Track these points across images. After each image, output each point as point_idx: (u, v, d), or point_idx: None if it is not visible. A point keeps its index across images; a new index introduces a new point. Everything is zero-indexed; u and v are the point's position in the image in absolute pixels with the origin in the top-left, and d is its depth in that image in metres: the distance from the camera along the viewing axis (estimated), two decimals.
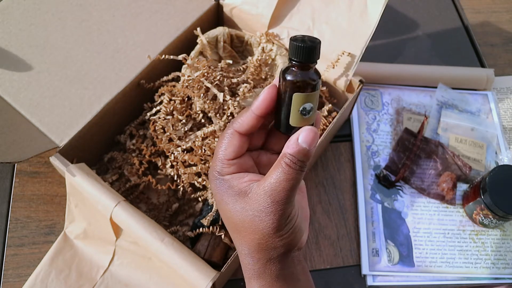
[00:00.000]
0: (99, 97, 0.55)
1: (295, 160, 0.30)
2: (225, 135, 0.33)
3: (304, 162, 0.30)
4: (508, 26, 0.84)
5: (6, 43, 0.56)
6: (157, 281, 0.50)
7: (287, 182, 0.30)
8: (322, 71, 0.60)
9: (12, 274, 0.54)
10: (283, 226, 0.31)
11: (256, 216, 0.31)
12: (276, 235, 0.31)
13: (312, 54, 0.31)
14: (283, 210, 0.30)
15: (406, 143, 0.66)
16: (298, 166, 0.30)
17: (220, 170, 0.33)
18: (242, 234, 0.32)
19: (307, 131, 0.30)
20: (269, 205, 0.30)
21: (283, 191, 0.30)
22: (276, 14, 0.61)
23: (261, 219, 0.30)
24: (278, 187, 0.30)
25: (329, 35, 0.58)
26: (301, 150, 0.30)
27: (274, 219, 0.30)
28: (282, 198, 0.30)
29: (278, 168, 0.30)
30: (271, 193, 0.30)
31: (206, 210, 0.54)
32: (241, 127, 0.32)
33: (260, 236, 0.31)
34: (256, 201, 0.30)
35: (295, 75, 0.31)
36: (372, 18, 0.55)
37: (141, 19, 0.61)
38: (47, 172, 0.61)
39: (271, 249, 0.32)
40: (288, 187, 0.30)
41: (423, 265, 0.58)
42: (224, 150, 0.33)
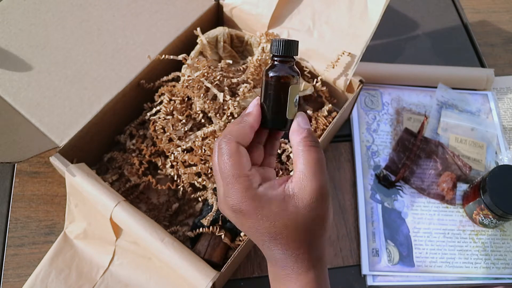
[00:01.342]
0: (99, 97, 0.55)
1: (309, 140, 0.33)
2: (230, 156, 0.32)
3: (316, 138, 0.33)
4: (508, 26, 0.84)
5: (6, 43, 0.56)
6: (157, 281, 0.50)
7: (316, 156, 0.32)
8: (322, 71, 0.60)
9: (12, 274, 0.54)
10: (328, 199, 0.33)
11: (315, 200, 0.32)
12: (327, 208, 0.33)
13: (291, 48, 0.34)
14: (325, 180, 0.32)
15: (406, 143, 0.66)
16: (314, 143, 0.33)
17: (249, 184, 0.32)
18: (294, 235, 0.32)
19: (300, 116, 0.34)
20: (315, 183, 0.32)
21: (318, 165, 0.32)
22: (276, 14, 0.61)
23: (321, 199, 0.32)
24: (313, 165, 0.32)
25: (330, 36, 0.58)
26: (307, 130, 0.33)
27: (327, 194, 0.32)
28: (322, 172, 0.32)
29: (300, 155, 0.32)
30: (312, 174, 0.32)
31: (206, 210, 0.54)
32: (242, 140, 0.33)
33: (322, 216, 0.32)
34: (306, 192, 0.32)
35: (281, 69, 0.34)
36: (373, 18, 0.55)
37: (141, 19, 0.61)
38: (47, 172, 0.61)
39: (324, 223, 0.33)
40: (317, 159, 0.32)
41: (423, 265, 0.58)
42: (239, 163, 0.32)
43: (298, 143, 0.33)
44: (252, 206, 0.32)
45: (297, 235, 0.32)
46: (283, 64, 0.34)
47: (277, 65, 0.34)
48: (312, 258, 0.33)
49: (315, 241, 0.33)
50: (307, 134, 0.33)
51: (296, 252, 0.32)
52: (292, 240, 0.32)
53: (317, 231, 0.32)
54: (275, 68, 0.34)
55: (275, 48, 0.34)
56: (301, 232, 0.32)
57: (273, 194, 0.32)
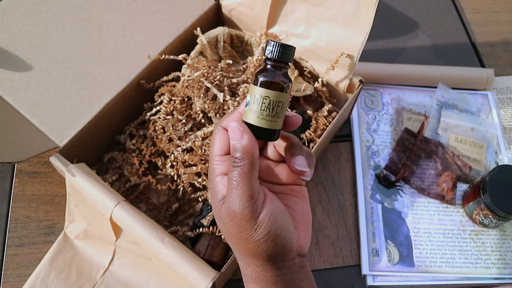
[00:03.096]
0: (99, 97, 0.55)
1: (233, 158, 0.31)
2: (214, 134, 0.33)
3: (240, 158, 0.30)
4: (508, 26, 0.84)
5: (6, 43, 0.56)
6: (157, 281, 0.50)
7: (230, 182, 0.30)
8: (322, 72, 0.60)
9: (12, 274, 0.54)
10: (252, 228, 0.30)
11: (225, 224, 0.31)
12: (251, 240, 0.31)
13: (287, 53, 0.32)
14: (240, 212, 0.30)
15: (406, 143, 0.66)
16: (236, 163, 0.30)
17: (212, 168, 0.33)
18: (232, 241, 0.32)
19: (230, 128, 0.31)
20: (228, 213, 0.30)
21: (232, 193, 0.30)
22: (272, 15, 0.61)
23: (227, 227, 0.31)
24: (228, 191, 0.30)
25: (326, 36, 0.58)
26: (232, 147, 0.31)
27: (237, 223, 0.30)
28: (234, 200, 0.30)
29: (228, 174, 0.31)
30: (227, 199, 0.30)
31: (206, 210, 0.54)
32: (226, 124, 0.33)
33: (236, 242, 0.31)
34: (221, 210, 0.31)
35: (273, 75, 0.31)
36: (366, 18, 0.55)
37: (141, 19, 0.61)
38: (47, 172, 0.61)
39: (254, 256, 0.32)
40: (240, 185, 0.30)
41: (423, 265, 0.58)
42: (212, 146, 0.33)
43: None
44: (211, 194, 0.33)
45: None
46: (275, 70, 0.32)
47: (270, 69, 0.32)
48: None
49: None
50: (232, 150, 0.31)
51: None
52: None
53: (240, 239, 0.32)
54: (266, 73, 0.31)
55: (269, 51, 0.32)
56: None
57: (218, 189, 0.32)
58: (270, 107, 0.31)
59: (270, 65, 0.32)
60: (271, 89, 0.31)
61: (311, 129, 0.59)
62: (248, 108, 0.32)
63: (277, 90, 0.31)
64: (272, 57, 0.32)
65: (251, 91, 0.32)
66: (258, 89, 0.31)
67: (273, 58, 0.32)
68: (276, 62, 0.32)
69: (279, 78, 0.31)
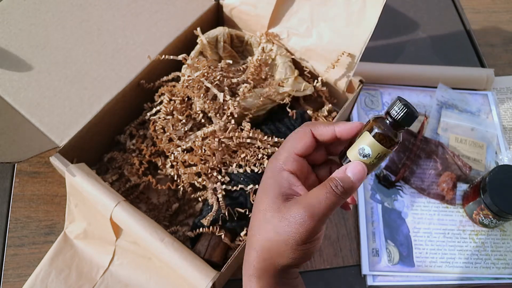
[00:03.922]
0: (99, 97, 0.55)
1: (339, 185, 0.32)
2: (299, 131, 0.34)
3: (346, 190, 0.32)
4: (508, 26, 0.84)
5: (6, 43, 0.56)
6: (157, 281, 0.50)
7: (325, 201, 0.31)
8: (322, 71, 0.60)
9: (12, 274, 0.54)
10: (304, 242, 0.32)
11: (285, 220, 0.32)
12: (292, 247, 0.32)
13: (411, 120, 0.33)
14: (312, 227, 0.31)
15: (406, 143, 0.66)
16: (340, 191, 0.32)
17: (284, 161, 0.34)
18: (261, 230, 0.33)
19: (356, 163, 0.33)
20: (301, 217, 0.31)
21: (319, 208, 0.31)
22: (275, 14, 0.61)
23: (288, 226, 0.31)
24: (316, 204, 0.31)
25: (328, 36, 0.58)
26: (345, 178, 0.32)
27: (300, 232, 0.31)
28: (316, 214, 0.31)
29: (322, 188, 0.32)
30: (308, 207, 0.31)
31: (206, 210, 0.54)
32: (317, 131, 0.35)
33: (278, 240, 0.32)
34: (291, 209, 0.32)
35: (389, 131, 0.33)
36: (371, 17, 0.55)
37: (141, 19, 0.61)
38: (47, 172, 0.61)
39: (280, 257, 0.32)
40: (325, 206, 0.31)
41: (423, 265, 0.58)
42: (296, 144, 0.34)
43: (329, 179, 0.33)
44: (270, 179, 0.34)
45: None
46: (393, 128, 0.33)
47: (387, 125, 0.33)
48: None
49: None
50: (342, 179, 0.32)
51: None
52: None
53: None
54: (384, 127, 0.33)
55: (395, 111, 0.32)
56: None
57: (284, 184, 0.33)
58: (377, 158, 0.33)
59: (389, 122, 0.33)
60: (383, 144, 0.32)
61: None
62: (357, 150, 0.33)
63: (388, 147, 0.33)
64: (395, 117, 0.33)
65: (364, 137, 0.33)
66: (372, 139, 0.33)
67: (395, 118, 0.33)
68: (396, 123, 0.33)
69: (395, 138, 0.33)
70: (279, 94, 0.57)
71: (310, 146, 0.34)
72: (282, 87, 0.58)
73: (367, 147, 0.33)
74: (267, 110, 0.59)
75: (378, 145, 0.32)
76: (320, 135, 0.35)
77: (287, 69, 0.60)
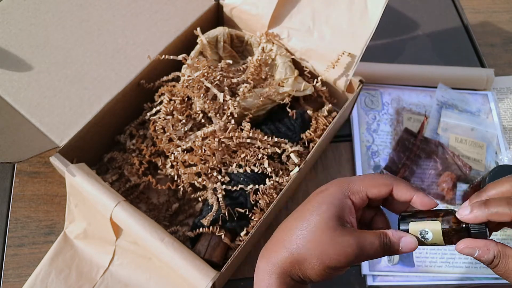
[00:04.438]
0: (99, 97, 0.55)
1: (387, 243, 0.34)
2: (384, 179, 0.36)
3: (387, 251, 0.34)
4: (508, 26, 0.84)
5: (6, 43, 0.56)
6: (157, 281, 0.50)
7: (371, 247, 0.34)
8: (322, 71, 0.60)
9: (12, 274, 0.54)
10: (336, 269, 0.34)
11: (335, 243, 0.33)
12: (325, 268, 0.33)
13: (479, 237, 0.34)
14: (351, 262, 0.33)
15: (406, 143, 0.66)
16: (383, 249, 0.34)
17: (355, 192, 0.35)
18: (290, 248, 0.34)
19: (411, 240, 0.34)
20: (350, 250, 0.33)
21: (367, 252, 0.33)
22: (276, 14, 0.61)
23: (334, 249, 0.33)
24: (367, 246, 0.33)
25: (330, 36, 0.58)
26: (395, 244, 0.34)
27: (340, 260, 0.33)
28: (360, 255, 0.33)
29: (376, 235, 0.34)
30: (360, 245, 0.33)
31: (206, 210, 0.54)
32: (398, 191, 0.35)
33: (317, 255, 0.33)
34: (346, 237, 0.33)
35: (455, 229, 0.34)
36: (372, 18, 0.55)
37: (141, 19, 0.61)
38: (47, 172, 0.61)
39: (309, 269, 0.34)
40: (371, 253, 0.34)
41: (423, 265, 0.58)
42: (372, 187, 0.35)
43: (386, 232, 0.35)
44: (329, 197, 0.36)
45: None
46: (459, 232, 0.34)
47: (458, 228, 0.34)
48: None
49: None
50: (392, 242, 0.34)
51: None
52: None
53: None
54: (456, 227, 0.34)
55: (476, 229, 0.33)
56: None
57: (345, 210, 0.35)
58: (430, 244, 0.35)
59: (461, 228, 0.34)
60: (445, 238, 0.34)
61: (311, 129, 0.59)
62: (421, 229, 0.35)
63: (445, 243, 0.34)
64: (471, 231, 0.33)
65: (434, 224, 0.34)
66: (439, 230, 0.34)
67: (470, 231, 0.33)
68: (467, 233, 0.34)
69: (454, 241, 0.34)
70: (279, 94, 0.57)
71: (382, 197, 0.36)
72: (282, 87, 0.58)
73: (431, 234, 0.34)
74: (267, 110, 0.59)
75: (440, 238, 0.34)
76: (398, 196, 0.36)
77: (287, 69, 0.60)
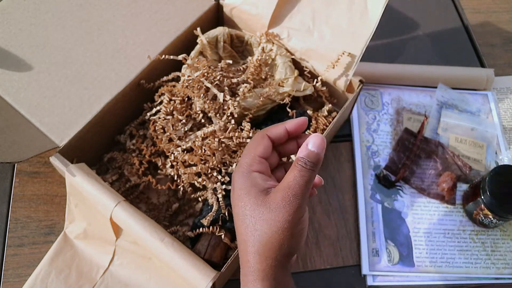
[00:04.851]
0: (99, 97, 0.55)
1: (307, 161, 0.34)
2: (257, 137, 0.37)
3: (315, 163, 0.35)
4: (508, 26, 0.84)
5: (6, 43, 0.56)
6: (157, 281, 0.50)
7: (301, 178, 0.34)
8: (322, 71, 0.60)
9: (12, 274, 0.54)
10: (297, 222, 0.34)
11: (274, 210, 0.33)
12: (288, 233, 0.33)
13: None
14: (298, 204, 0.33)
15: (406, 143, 0.66)
16: (309, 166, 0.34)
17: (250, 164, 0.36)
18: (254, 231, 0.34)
19: (315, 137, 0.35)
20: (286, 199, 0.33)
21: (298, 186, 0.34)
22: (276, 14, 0.61)
23: (278, 212, 0.33)
24: (293, 183, 0.34)
25: (330, 36, 0.58)
26: (311, 153, 0.35)
27: (290, 212, 0.33)
28: (297, 193, 0.34)
29: (293, 169, 0.35)
30: (288, 188, 0.34)
31: (206, 210, 0.54)
32: (271, 132, 0.37)
33: (275, 230, 0.33)
34: (275, 198, 0.34)
35: None
36: (372, 18, 0.55)
37: (141, 19, 0.61)
38: (47, 172, 0.61)
39: (279, 249, 0.34)
40: (302, 182, 0.34)
41: (423, 265, 0.58)
42: (255, 148, 0.36)
43: (297, 160, 0.35)
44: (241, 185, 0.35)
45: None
46: None
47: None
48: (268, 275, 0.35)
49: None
50: (308, 155, 0.35)
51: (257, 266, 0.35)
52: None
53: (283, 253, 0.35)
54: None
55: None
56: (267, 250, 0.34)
57: (258, 182, 0.35)
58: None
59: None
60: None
61: (311, 129, 0.59)
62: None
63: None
64: None
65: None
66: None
67: None
68: None
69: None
70: (279, 94, 0.57)
71: (268, 147, 0.37)
72: (282, 87, 0.58)
73: None
74: (267, 110, 0.59)
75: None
76: (275, 135, 0.37)
77: (287, 69, 0.60)
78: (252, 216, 0.34)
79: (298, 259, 0.58)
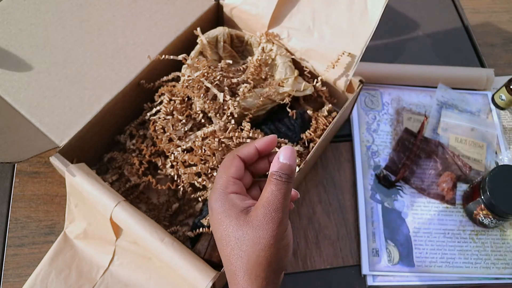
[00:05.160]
0: (99, 97, 0.55)
1: (281, 173, 0.34)
2: (227, 158, 0.37)
3: (289, 175, 0.35)
4: (508, 26, 0.84)
5: (6, 43, 0.56)
6: (157, 281, 0.50)
7: (278, 192, 0.34)
8: (322, 71, 0.60)
9: (12, 274, 0.54)
10: (281, 237, 0.33)
11: (257, 228, 0.33)
12: (275, 246, 0.33)
13: None
14: (280, 218, 0.33)
15: (406, 143, 0.66)
16: (284, 178, 0.34)
17: (225, 186, 0.36)
18: (240, 252, 0.33)
19: (285, 149, 0.35)
20: (268, 214, 0.33)
21: (277, 200, 0.34)
22: (276, 14, 0.61)
23: (262, 229, 0.33)
24: (272, 198, 0.34)
25: (330, 36, 0.58)
26: (283, 165, 0.35)
27: (274, 227, 0.33)
28: (277, 207, 0.33)
29: (269, 184, 0.34)
30: (267, 204, 0.33)
31: (206, 210, 0.54)
32: (241, 152, 0.37)
33: (261, 248, 0.33)
34: (256, 215, 0.33)
35: None
36: (372, 18, 0.55)
37: (141, 19, 0.61)
38: (47, 172, 0.61)
39: (269, 264, 0.33)
40: (280, 196, 0.34)
41: (423, 265, 0.58)
42: (228, 169, 0.36)
43: (270, 175, 0.35)
44: (219, 209, 0.35)
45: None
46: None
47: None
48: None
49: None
50: (280, 168, 0.35)
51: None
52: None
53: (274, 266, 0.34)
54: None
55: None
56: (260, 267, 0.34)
57: (236, 203, 0.35)
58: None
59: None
60: None
61: (311, 129, 0.59)
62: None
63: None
64: None
65: None
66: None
67: None
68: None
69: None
70: (279, 94, 0.57)
71: (240, 168, 0.37)
72: (282, 87, 0.58)
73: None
74: (267, 110, 0.59)
75: None
76: (245, 155, 0.37)
77: (287, 69, 0.60)
78: (236, 237, 0.33)
79: (298, 259, 0.58)
